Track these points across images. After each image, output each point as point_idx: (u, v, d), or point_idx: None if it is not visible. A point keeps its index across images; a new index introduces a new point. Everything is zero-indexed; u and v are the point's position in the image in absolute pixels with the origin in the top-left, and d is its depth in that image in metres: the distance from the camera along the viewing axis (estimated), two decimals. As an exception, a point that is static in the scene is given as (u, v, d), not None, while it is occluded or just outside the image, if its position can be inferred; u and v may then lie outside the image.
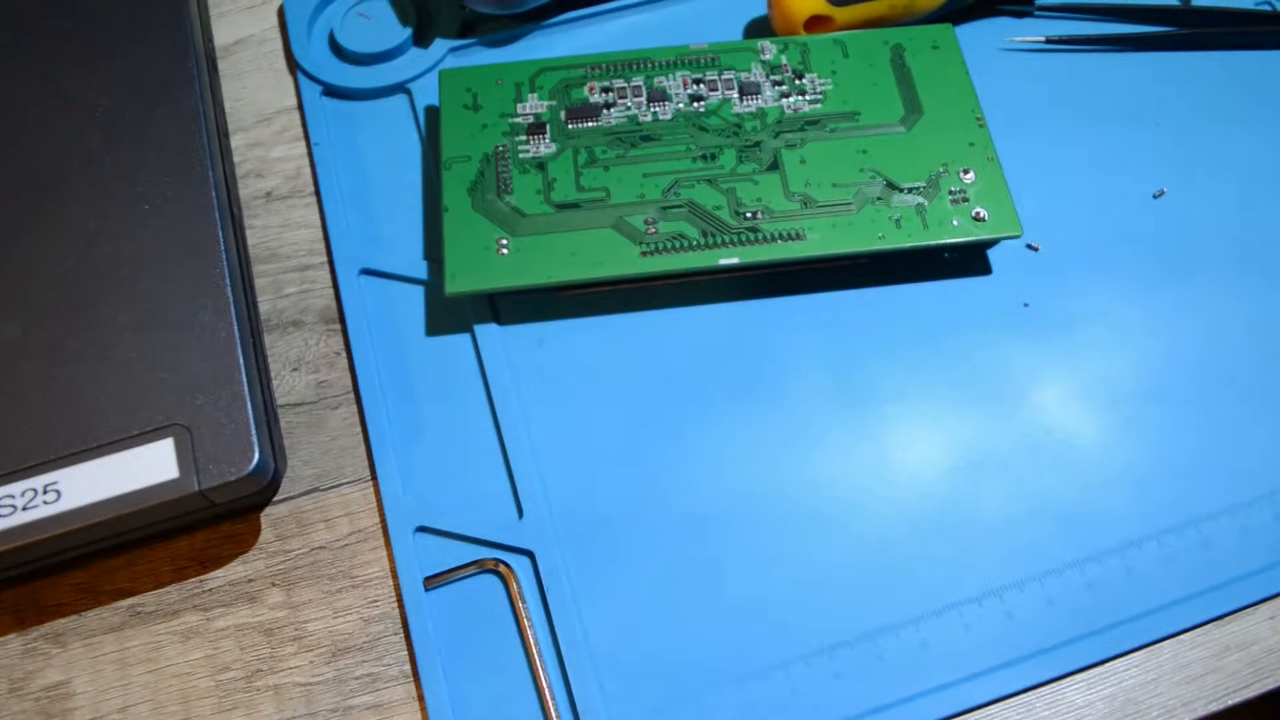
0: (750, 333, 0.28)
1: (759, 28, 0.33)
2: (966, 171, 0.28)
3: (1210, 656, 0.24)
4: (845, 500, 0.26)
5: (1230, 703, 0.24)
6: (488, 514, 0.26)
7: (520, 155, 0.29)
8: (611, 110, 0.29)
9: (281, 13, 0.34)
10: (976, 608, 0.25)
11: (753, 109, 0.29)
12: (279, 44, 0.34)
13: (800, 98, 0.29)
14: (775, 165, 0.28)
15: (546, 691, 0.24)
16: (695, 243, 0.27)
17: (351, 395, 0.28)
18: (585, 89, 0.30)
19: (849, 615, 0.25)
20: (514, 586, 0.25)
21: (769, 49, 0.30)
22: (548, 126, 0.29)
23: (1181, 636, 0.25)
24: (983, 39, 0.32)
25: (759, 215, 0.27)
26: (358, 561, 0.26)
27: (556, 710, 0.24)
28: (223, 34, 0.34)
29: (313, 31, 0.33)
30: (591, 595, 0.25)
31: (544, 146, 0.29)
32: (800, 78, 0.30)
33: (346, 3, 0.33)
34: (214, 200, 0.27)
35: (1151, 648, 0.24)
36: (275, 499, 0.27)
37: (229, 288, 0.26)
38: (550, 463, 0.26)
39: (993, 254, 0.29)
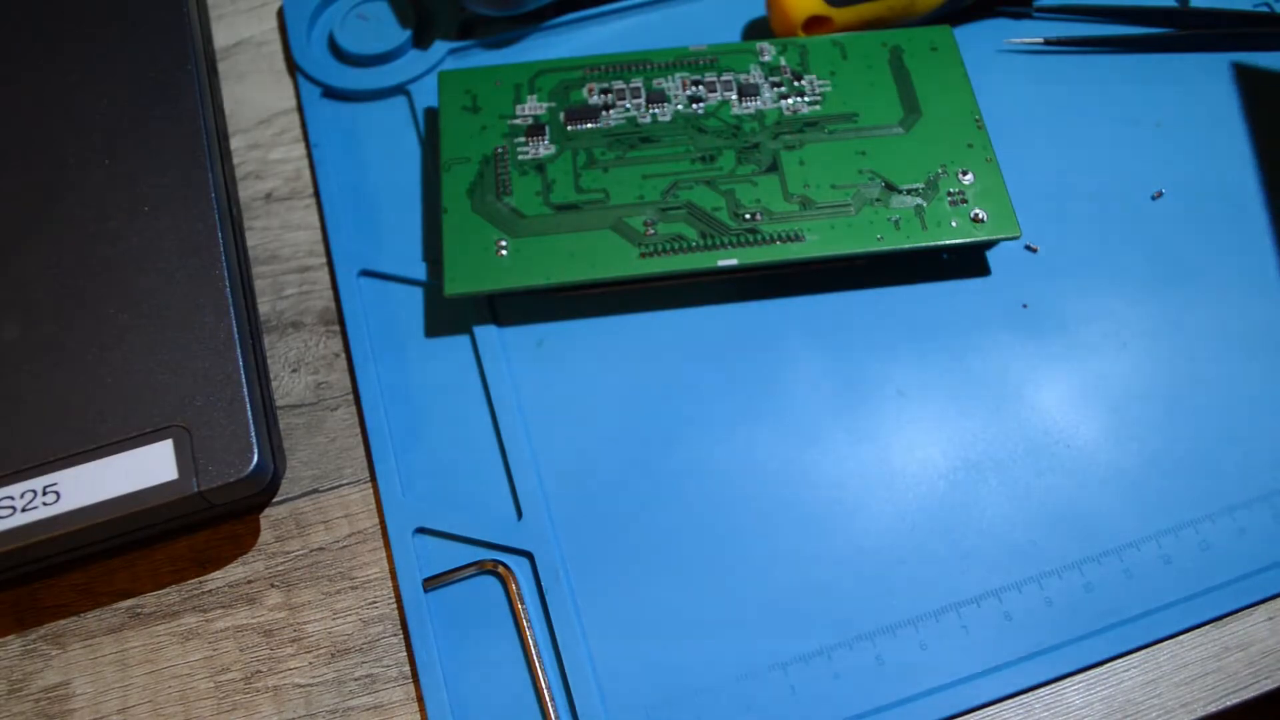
0: (749, 334, 0.28)
1: (758, 29, 0.33)
2: (965, 173, 0.28)
3: (1209, 658, 0.24)
4: (843, 501, 0.26)
5: (1229, 704, 0.24)
6: (487, 515, 0.26)
7: (519, 157, 0.29)
8: (610, 112, 0.29)
9: (281, 14, 0.34)
10: (975, 609, 0.25)
11: (751, 110, 0.29)
12: (279, 46, 0.34)
13: (799, 99, 0.30)
14: (774, 167, 0.28)
15: (545, 692, 0.24)
16: (694, 244, 0.27)
17: (351, 396, 0.28)
18: (584, 90, 0.30)
19: (847, 616, 0.25)
20: (513, 587, 0.25)
21: (768, 50, 0.30)
22: (547, 128, 0.29)
23: (1180, 637, 0.25)
24: (981, 40, 0.33)
25: (758, 216, 0.28)
26: (357, 563, 0.26)
27: (555, 711, 0.24)
28: (222, 36, 0.34)
29: (312, 33, 0.33)
30: (590, 596, 0.25)
31: (543, 148, 0.29)
32: (799, 79, 0.30)
33: (346, 4, 0.33)
34: (214, 202, 0.27)
35: (1150, 649, 0.24)
36: (274, 500, 0.27)
37: (228, 289, 0.26)
38: (549, 464, 0.26)
39: (991, 255, 0.29)
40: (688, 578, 0.25)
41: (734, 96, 0.30)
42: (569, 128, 0.29)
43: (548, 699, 0.24)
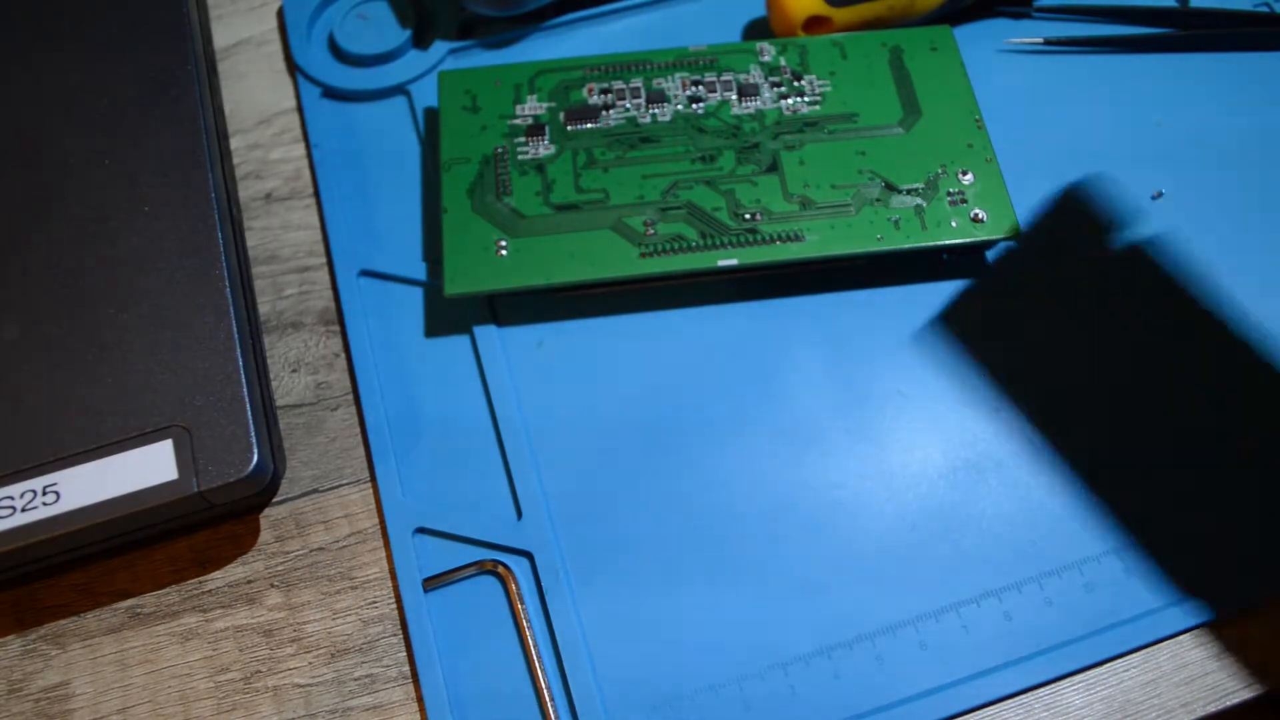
0: (749, 334, 0.28)
1: (758, 29, 0.33)
2: (965, 173, 0.28)
3: (1209, 657, 0.24)
4: (843, 501, 0.26)
5: (1229, 704, 0.24)
6: (486, 515, 0.26)
7: (519, 157, 0.29)
8: (610, 112, 0.29)
9: (281, 14, 0.34)
10: (975, 609, 0.25)
11: (751, 110, 0.29)
12: (278, 46, 0.34)
13: (799, 99, 0.29)
14: (774, 167, 0.28)
15: (545, 692, 0.24)
16: (694, 244, 0.27)
17: (350, 396, 0.28)
18: (584, 90, 0.30)
19: (847, 616, 0.25)
20: (513, 587, 0.25)
21: (768, 50, 0.30)
22: (547, 128, 0.29)
23: (1180, 637, 0.24)
24: (981, 40, 0.32)
25: (758, 216, 0.28)
26: (357, 563, 0.26)
27: (555, 711, 0.24)
28: (222, 36, 0.34)
29: (312, 33, 0.33)
30: (590, 596, 0.25)
31: (543, 148, 0.29)
32: (799, 79, 0.30)
33: (346, 4, 0.33)
34: (214, 202, 0.27)
35: (1150, 649, 0.24)
36: (274, 500, 0.27)
37: (228, 289, 0.26)
38: (549, 464, 0.26)
39: (991, 255, 0.29)
40: (687, 577, 0.25)
41: (734, 96, 0.30)
42: (569, 128, 0.29)
43: (547, 699, 0.24)
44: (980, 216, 0.28)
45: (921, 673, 0.24)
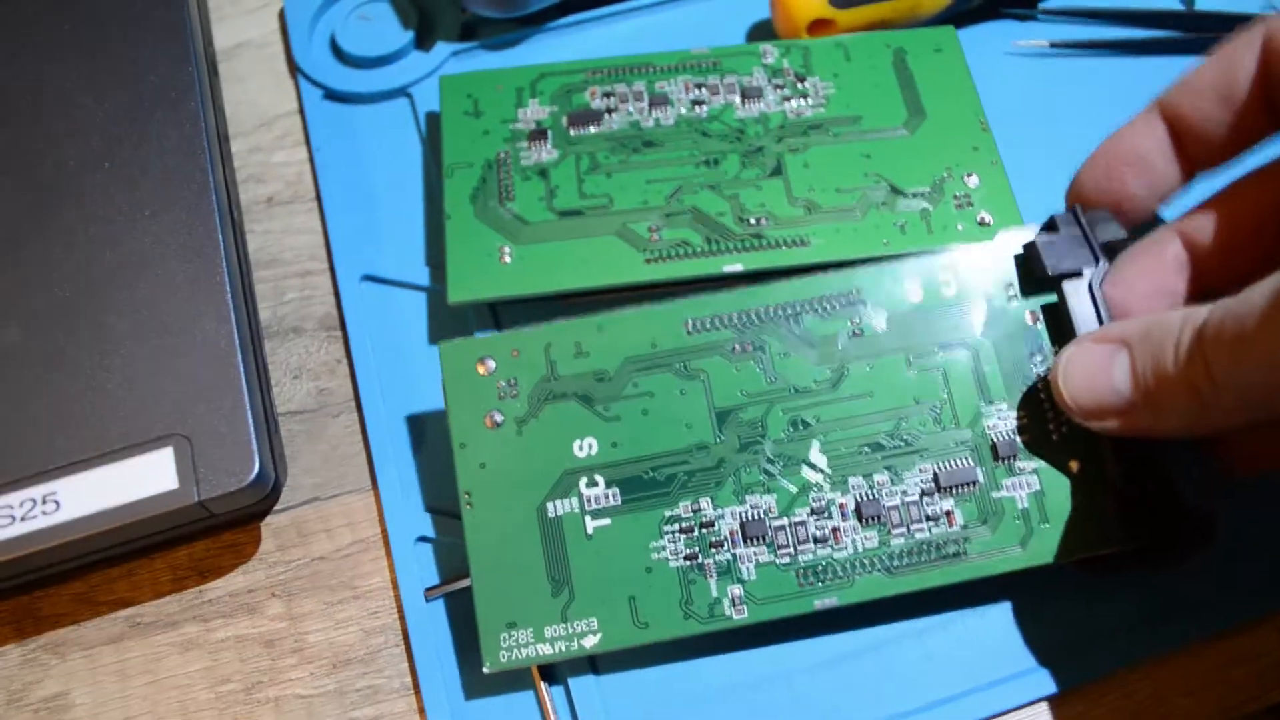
0: (753, 340, 0.28)
1: (761, 31, 0.33)
2: (970, 175, 0.28)
3: (1214, 668, 0.24)
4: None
5: (1235, 715, 0.24)
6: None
7: (522, 162, 0.28)
8: (613, 115, 0.29)
9: (282, 16, 0.34)
10: (978, 620, 0.24)
11: (755, 113, 0.29)
12: (280, 47, 0.34)
13: (803, 101, 0.29)
14: (778, 170, 0.28)
15: (547, 702, 0.24)
16: (699, 249, 0.27)
17: (352, 403, 0.28)
18: (587, 94, 0.30)
19: (852, 626, 0.24)
20: (516, 596, 0.25)
21: (771, 52, 0.30)
22: (549, 132, 0.29)
23: (1189, 648, 0.24)
24: (986, 42, 0.32)
25: (763, 221, 0.27)
26: (358, 572, 0.26)
27: (559, 722, 0.24)
28: (223, 37, 0.34)
29: (314, 35, 0.33)
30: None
31: (546, 153, 0.29)
32: (802, 81, 0.30)
33: (348, 6, 0.33)
34: (214, 206, 0.27)
35: (1157, 659, 0.24)
36: (276, 508, 0.27)
37: (229, 294, 0.26)
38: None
39: (997, 260, 0.29)
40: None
41: (737, 99, 0.29)
42: (571, 132, 0.29)
43: (550, 709, 0.24)
44: (986, 220, 0.27)
45: (925, 684, 0.24)
